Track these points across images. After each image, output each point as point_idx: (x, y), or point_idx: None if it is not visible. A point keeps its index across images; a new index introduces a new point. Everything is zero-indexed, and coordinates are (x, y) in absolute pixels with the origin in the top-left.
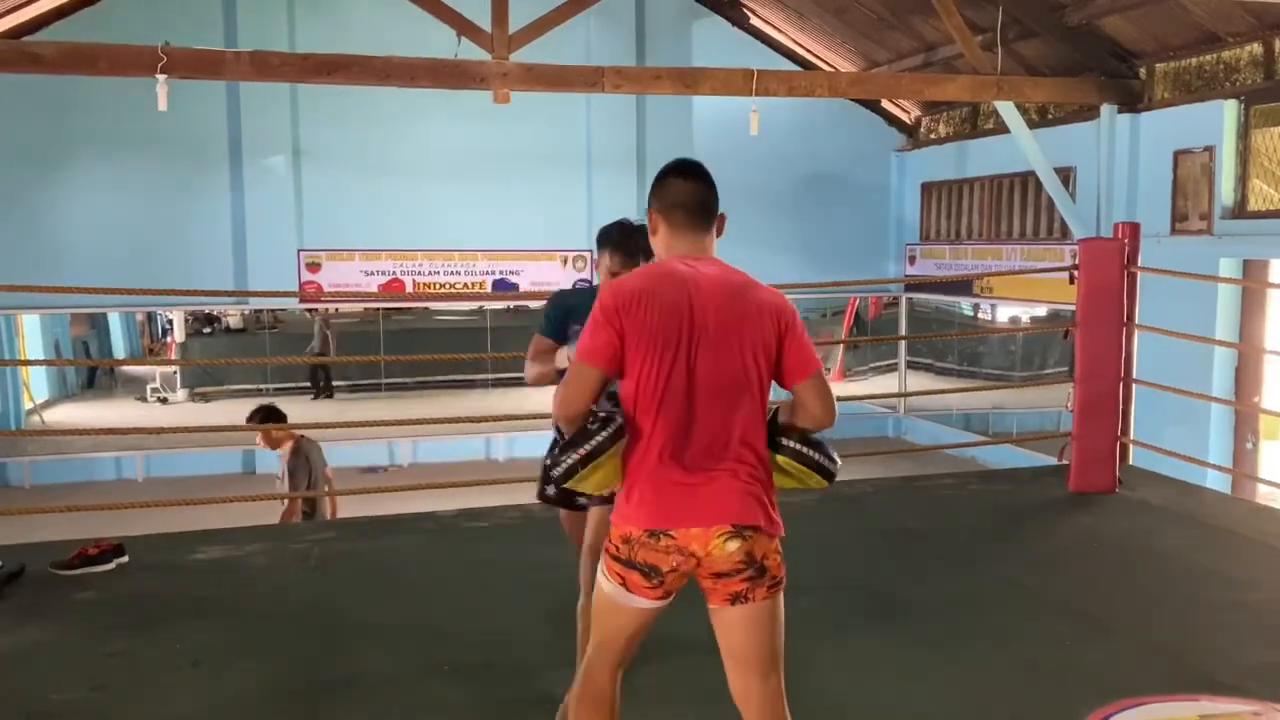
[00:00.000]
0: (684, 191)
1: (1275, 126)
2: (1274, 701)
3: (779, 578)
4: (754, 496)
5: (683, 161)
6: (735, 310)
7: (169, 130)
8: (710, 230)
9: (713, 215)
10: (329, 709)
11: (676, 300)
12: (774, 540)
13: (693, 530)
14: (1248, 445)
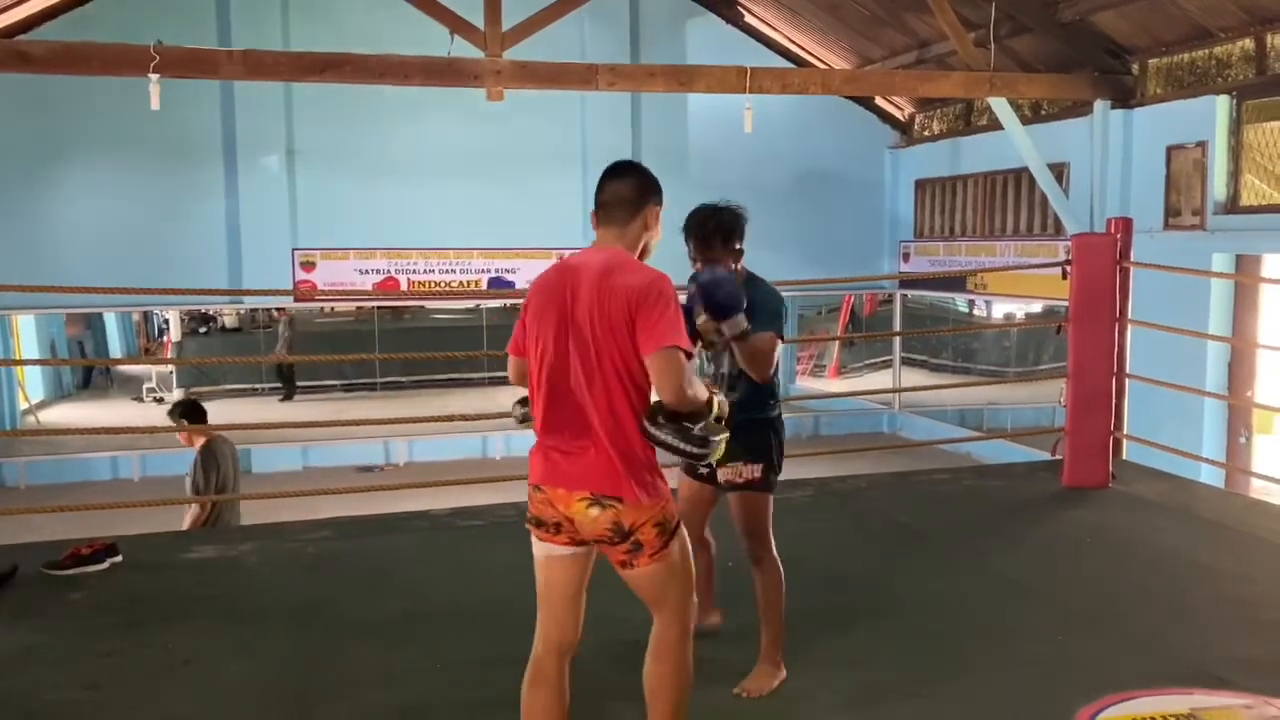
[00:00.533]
0: (605, 190)
1: (1267, 122)
2: (1266, 695)
3: (658, 547)
4: (618, 470)
5: (615, 162)
6: (599, 295)
7: (163, 130)
8: (626, 225)
9: (630, 210)
10: (322, 708)
11: (558, 290)
12: (648, 512)
13: (559, 490)
14: (1241, 440)
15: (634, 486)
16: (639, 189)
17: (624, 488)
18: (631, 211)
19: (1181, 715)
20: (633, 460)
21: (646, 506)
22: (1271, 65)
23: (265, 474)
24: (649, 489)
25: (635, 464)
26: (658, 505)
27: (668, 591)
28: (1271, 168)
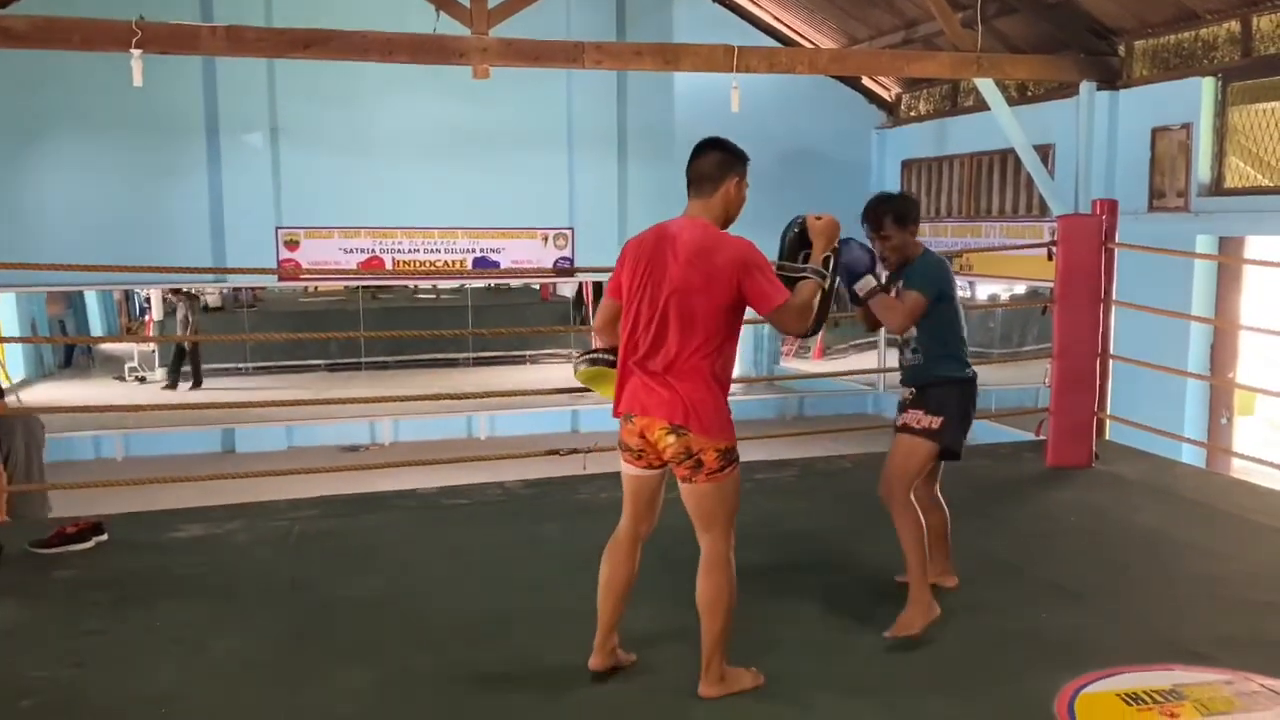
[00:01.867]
0: (691, 168)
1: (1252, 104)
2: (1245, 670)
3: (715, 469)
4: (691, 407)
5: (701, 140)
6: (695, 263)
7: (145, 106)
8: (709, 197)
9: (713, 184)
10: (309, 686)
11: (658, 252)
12: (712, 440)
13: (646, 419)
14: (1222, 420)
15: (701, 420)
16: (719, 165)
17: (693, 420)
18: (714, 185)
19: (1163, 691)
20: (704, 400)
21: (713, 439)
22: (1257, 47)
23: (250, 453)
24: (715, 424)
25: (706, 403)
26: (721, 438)
27: (717, 511)
28: (1256, 150)
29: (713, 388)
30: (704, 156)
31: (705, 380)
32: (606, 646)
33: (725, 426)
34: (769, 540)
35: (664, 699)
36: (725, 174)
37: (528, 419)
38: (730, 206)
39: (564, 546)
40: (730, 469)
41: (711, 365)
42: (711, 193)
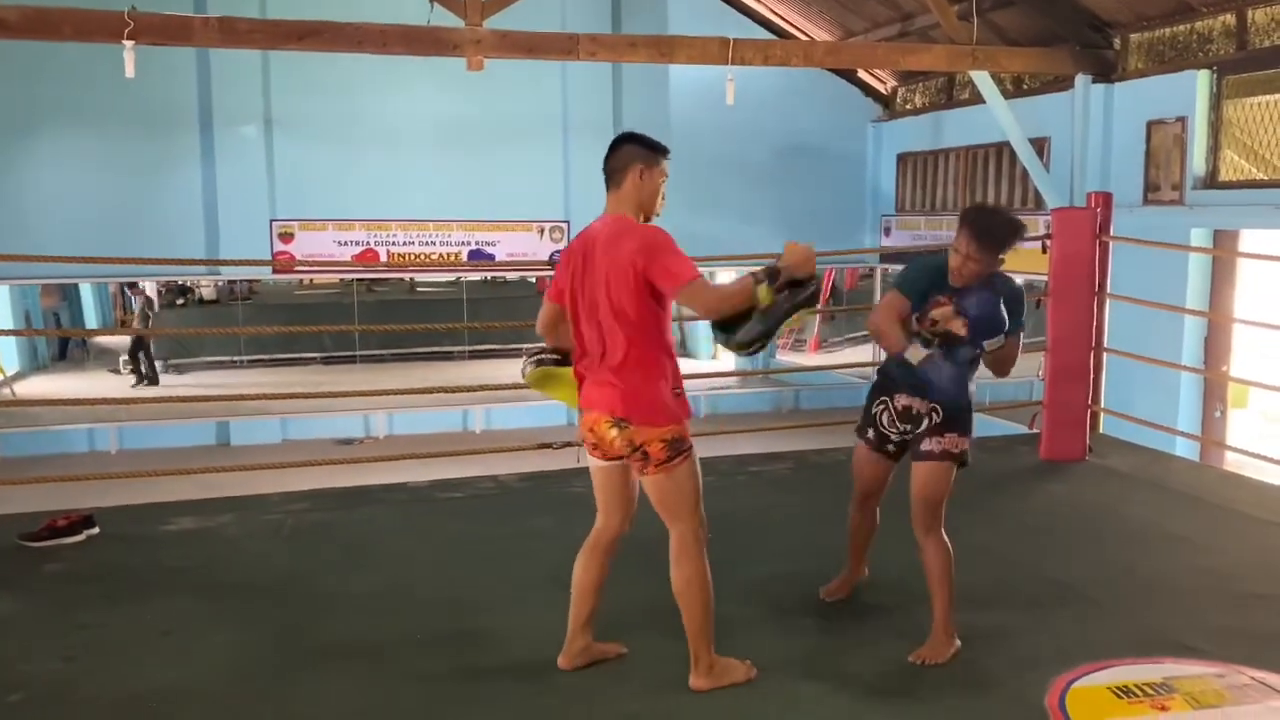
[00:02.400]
0: (605, 165)
1: (1247, 97)
2: (1236, 663)
3: (662, 460)
4: (628, 398)
5: (616, 136)
6: (610, 257)
7: (138, 98)
8: (619, 190)
9: (619, 177)
10: (301, 679)
11: (580, 252)
12: (656, 430)
13: (591, 413)
14: (1216, 413)
15: (641, 411)
16: (624, 156)
17: (633, 412)
18: (621, 178)
19: (1154, 684)
20: (640, 391)
21: (656, 427)
22: (1252, 40)
23: (244, 446)
24: (657, 413)
25: (643, 394)
26: (666, 428)
27: (675, 502)
28: (1250, 143)
29: (651, 377)
30: (612, 151)
31: (643, 371)
32: (574, 646)
33: (668, 415)
34: (763, 532)
35: (657, 693)
36: (629, 164)
37: (523, 412)
38: (642, 197)
39: (557, 539)
40: (680, 459)
41: (645, 355)
42: (619, 185)
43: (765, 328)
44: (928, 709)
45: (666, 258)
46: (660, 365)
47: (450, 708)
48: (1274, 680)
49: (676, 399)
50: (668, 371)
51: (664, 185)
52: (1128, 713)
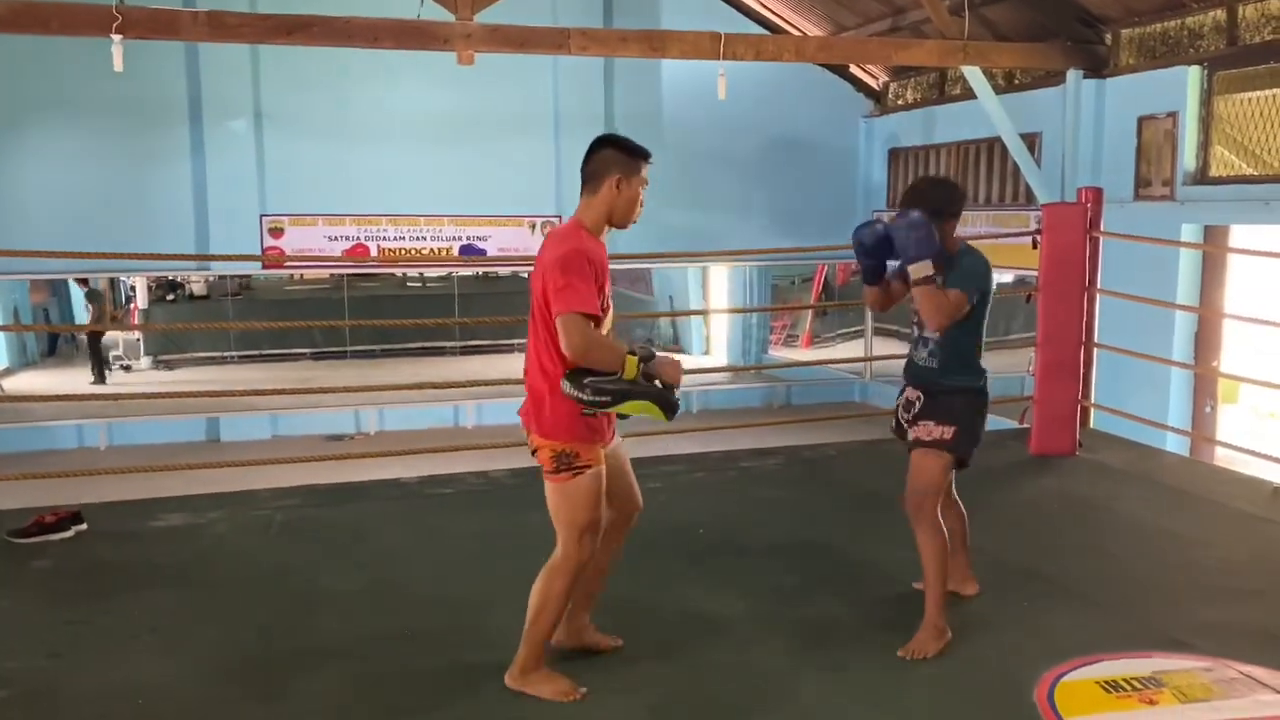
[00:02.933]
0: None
1: (1238, 93)
2: (1225, 658)
3: (550, 470)
4: (534, 407)
5: (596, 137)
6: (539, 265)
7: (127, 92)
8: (591, 195)
9: (594, 182)
10: (290, 676)
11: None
12: (547, 441)
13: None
14: (1206, 409)
15: (539, 420)
16: (602, 162)
17: (533, 419)
18: (596, 183)
19: (1143, 678)
20: (543, 400)
21: (547, 438)
22: (1243, 36)
23: (234, 442)
24: (551, 425)
25: (544, 403)
26: (557, 441)
27: (559, 514)
28: (1241, 139)
29: (551, 390)
30: (590, 154)
31: (549, 380)
32: (570, 624)
33: (563, 429)
34: (753, 528)
35: (653, 688)
36: (607, 172)
37: (513, 408)
38: (613, 206)
39: (548, 536)
40: (566, 474)
41: (553, 365)
42: (594, 191)
43: (613, 393)
44: (916, 703)
45: (564, 279)
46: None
47: (439, 704)
48: (1261, 674)
49: (585, 418)
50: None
51: (643, 192)
52: (1116, 707)
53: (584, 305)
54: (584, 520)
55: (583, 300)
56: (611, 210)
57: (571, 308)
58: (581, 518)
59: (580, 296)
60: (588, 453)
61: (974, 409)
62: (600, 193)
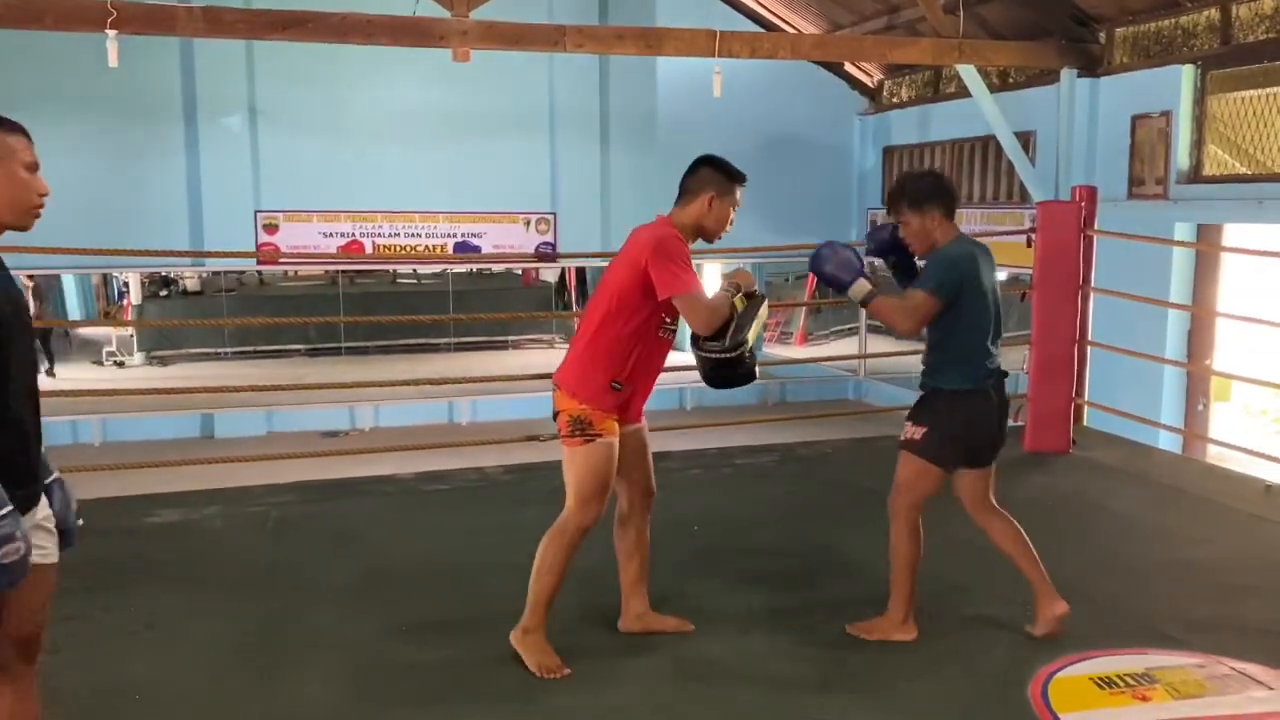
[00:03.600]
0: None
1: (1231, 92)
2: (1217, 654)
3: (564, 433)
4: (569, 364)
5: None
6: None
7: (122, 88)
8: (683, 206)
9: (689, 196)
10: (285, 671)
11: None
12: (567, 401)
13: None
14: (1199, 407)
15: (568, 379)
16: (698, 179)
17: (564, 377)
18: (691, 197)
19: (1136, 674)
20: (577, 363)
21: (570, 399)
22: (1237, 35)
23: (229, 438)
24: (576, 387)
25: (576, 366)
26: (578, 404)
27: (569, 478)
28: (1234, 138)
29: (595, 359)
30: (691, 171)
31: (590, 351)
32: (628, 610)
33: (584, 394)
34: (748, 524)
35: (648, 685)
36: (703, 190)
37: (509, 404)
38: (704, 221)
39: (543, 531)
40: (579, 440)
41: (601, 339)
42: (687, 203)
43: (739, 331)
44: (910, 699)
45: (671, 265)
46: (610, 353)
47: (436, 699)
48: (1254, 671)
49: (610, 390)
50: (616, 364)
51: (734, 213)
52: (1109, 703)
53: (692, 285)
54: (589, 487)
55: (690, 282)
56: (700, 222)
57: (684, 289)
58: (588, 484)
59: (684, 278)
60: (601, 422)
61: (957, 411)
62: (693, 205)
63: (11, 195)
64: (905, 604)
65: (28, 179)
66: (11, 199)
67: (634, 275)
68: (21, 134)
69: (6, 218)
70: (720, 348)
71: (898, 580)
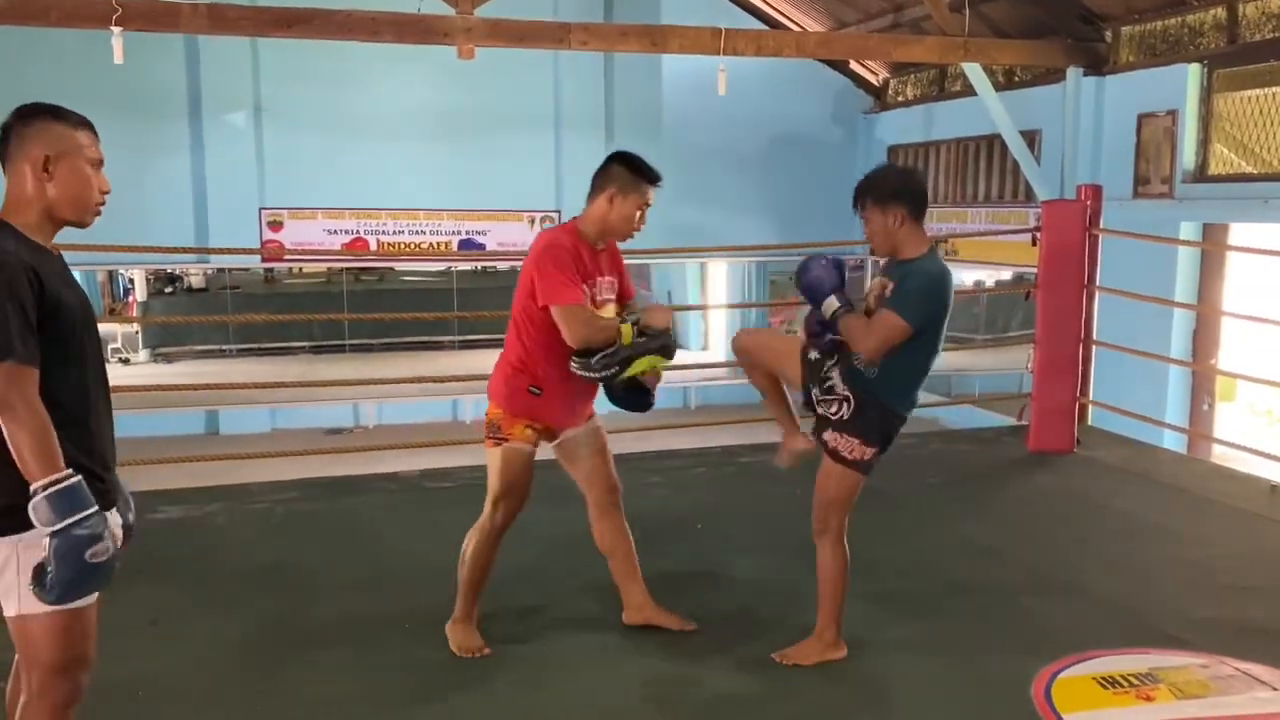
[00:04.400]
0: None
1: (1238, 91)
2: (1221, 654)
3: (486, 434)
4: (495, 373)
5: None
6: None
7: (127, 85)
8: (590, 202)
9: (594, 192)
10: (289, 668)
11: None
12: (490, 404)
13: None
14: (1204, 406)
15: (493, 384)
16: (601, 176)
17: (490, 381)
18: (593, 195)
19: (1139, 674)
20: (501, 370)
21: (490, 402)
22: (1243, 34)
23: (233, 435)
24: (494, 392)
25: (499, 373)
26: (494, 407)
27: (490, 477)
28: (1240, 137)
29: (512, 362)
30: (600, 167)
31: (510, 354)
32: (628, 602)
33: (500, 398)
34: (751, 523)
35: (650, 681)
36: (605, 185)
37: None
38: (608, 218)
39: (546, 529)
40: (490, 442)
41: (518, 344)
42: (591, 201)
43: (620, 361)
44: (913, 700)
45: (550, 274)
46: (526, 359)
47: (438, 696)
48: (1258, 671)
49: (529, 394)
50: (533, 369)
51: (643, 213)
52: (1113, 703)
53: (569, 298)
54: (498, 487)
55: (567, 293)
56: (605, 221)
57: (559, 300)
58: (495, 484)
59: (563, 289)
60: (511, 427)
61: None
62: (596, 203)
63: (76, 192)
64: (836, 623)
65: (92, 175)
66: (75, 195)
67: (528, 284)
68: (88, 129)
69: (68, 214)
70: (583, 365)
71: (829, 599)
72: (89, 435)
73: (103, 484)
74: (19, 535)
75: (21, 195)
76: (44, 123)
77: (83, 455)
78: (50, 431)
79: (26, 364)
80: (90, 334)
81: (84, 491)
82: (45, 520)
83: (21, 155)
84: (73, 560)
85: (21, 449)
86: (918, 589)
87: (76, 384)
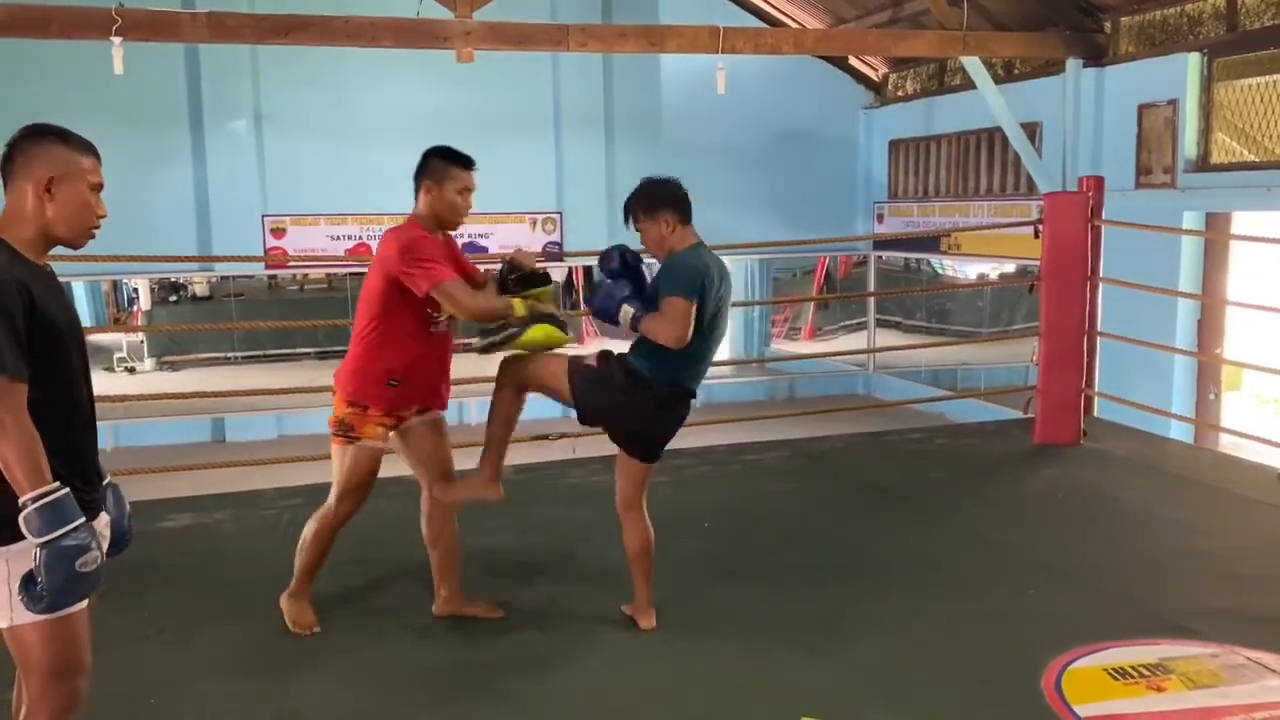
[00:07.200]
0: None
1: (1238, 79)
2: (1232, 644)
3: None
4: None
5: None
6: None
7: (128, 95)
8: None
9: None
10: (297, 675)
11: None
12: (338, 402)
13: None
14: (1210, 396)
15: (342, 381)
16: (418, 171)
17: (339, 379)
18: (417, 192)
19: (1150, 665)
20: (354, 366)
21: (339, 401)
22: (1242, 22)
23: (240, 442)
24: (353, 388)
25: (353, 369)
26: (345, 406)
27: (334, 474)
28: (1241, 125)
29: (366, 356)
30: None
31: (359, 351)
32: (442, 594)
33: (357, 394)
34: (758, 520)
35: (652, 679)
36: (420, 182)
37: None
38: (434, 208)
39: (553, 531)
40: (340, 440)
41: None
42: (417, 198)
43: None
44: (924, 691)
45: (424, 262)
46: (381, 353)
47: (445, 700)
48: (1269, 660)
49: (387, 387)
50: (389, 361)
51: (466, 197)
52: (1124, 694)
53: (447, 276)
54: (344, 484)
55: (444, 273)
56: (432, 211)
57: (440, 280)
58: (340, 482)
59: (439, 271)
60: (363, 426)
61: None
62: (420, 198)
63: (74, 214)
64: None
65: (91, 200)
66: (73, 218)
67: (389, 280)
68: (93, 154)
69: (63, 234)
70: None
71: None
72: (74, 450)
73: (88, 496)
74: (7, 547)
75: (20, 212)
76: (51, 144)
77: (68, 469)
78: (38, 445)
79: (16, 379)
80: (78, 349)
81: (72, 504)
82: (35, 532)
83: (25, 174)
84: (62, 570)
85: (10, 463)
86: (925, 582)
87: (64, 399)
